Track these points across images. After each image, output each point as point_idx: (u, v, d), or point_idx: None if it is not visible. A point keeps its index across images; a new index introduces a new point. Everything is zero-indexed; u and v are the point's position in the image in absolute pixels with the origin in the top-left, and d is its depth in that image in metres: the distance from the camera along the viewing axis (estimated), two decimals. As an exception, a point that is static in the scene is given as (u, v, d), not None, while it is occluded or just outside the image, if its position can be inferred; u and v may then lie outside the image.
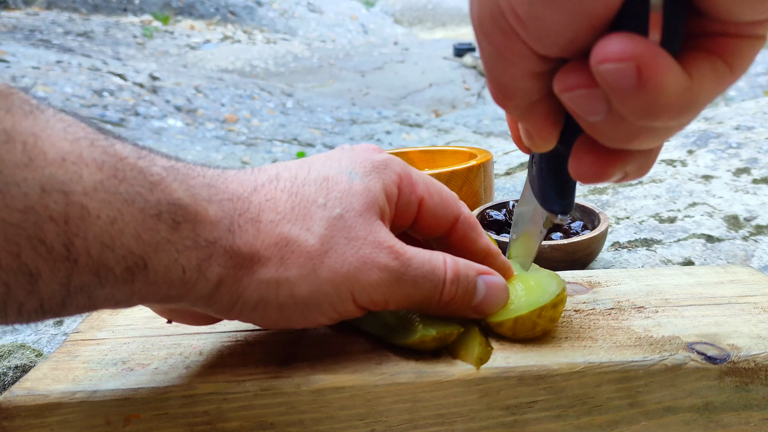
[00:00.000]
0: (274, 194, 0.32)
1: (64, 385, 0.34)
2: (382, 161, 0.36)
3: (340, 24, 9.95)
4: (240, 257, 0.31)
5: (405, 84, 6.64)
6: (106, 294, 0.27)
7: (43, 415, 0.33)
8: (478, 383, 0.34)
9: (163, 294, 0.29)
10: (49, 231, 0.25)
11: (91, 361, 0.36)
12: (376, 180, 0.35)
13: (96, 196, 0.26)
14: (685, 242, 0.76)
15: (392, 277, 0.33)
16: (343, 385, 0.33)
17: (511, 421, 0.35)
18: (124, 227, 0.27)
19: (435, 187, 0.38)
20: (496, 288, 0.37)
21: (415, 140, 4.43)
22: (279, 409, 0.33)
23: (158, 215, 0.28)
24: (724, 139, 1.08)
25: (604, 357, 0.35)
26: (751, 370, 0.35)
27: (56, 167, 0.25)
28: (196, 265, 0.29)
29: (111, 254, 0.26)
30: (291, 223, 0.32)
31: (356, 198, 0.33)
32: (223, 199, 0.31)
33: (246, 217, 0.31)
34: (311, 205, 0.32)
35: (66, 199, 0.25)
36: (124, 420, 0.33)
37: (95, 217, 0.26)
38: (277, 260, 0.31)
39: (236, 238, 0.31)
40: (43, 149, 0.25)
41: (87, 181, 0.26)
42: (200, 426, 0.33)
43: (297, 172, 0.34)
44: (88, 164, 0.26)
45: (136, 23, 8.13)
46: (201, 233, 0.29)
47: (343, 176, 0.34)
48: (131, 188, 0.27)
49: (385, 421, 0.34)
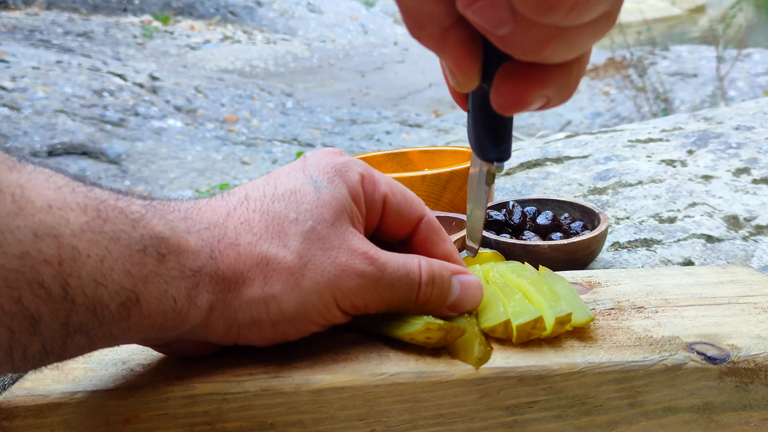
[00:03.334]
0: (247, 216, 0.34)
1: (64, 385, 0.34)
2: (344, 164, 0.37)
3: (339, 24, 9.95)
4: (225, 281, 0.32)
5: (405, 84, 6.64)
6: (104, 332, 0.29)
7: (43, 415, 0.33)
8: (477, 383, 0.34)
9: (159, 326, 0.31)
10: (46, 273, 0.26)
11: (91, 361, 0.36)
12: (341, 185, 0.35)
13: (84, 237, 0.27)
14: (685, 242, 0.76)
15: (369, 282, 0.34)
16: (343, 386, 0.33)
17: (510, 421, 0.35)
18: (114, 264, 0.28)
19: (398, 187, 0.39)
20: (470, 287, 0.38)
21: (415, 140, 4.43)
22: (279, 410, 0.33)
23: (143, 250, 0.29)
24: (724, 139, 1.08)
25: (604, 357, 0.35)
26: (750, 370, 0.35)
27: (45, 213, 0.27)
28: (186, 294, 0.31)
29: (105, 291, 0.28)
30: (268, 243, 0.33)
31: (326, 208, 0.34)
32: (200, 229, 0.32)
33: (225, 243, 0.33)
34: (284, 222, 0.34)
35: (57, 242, 0.26)
36: (124, 420, 0.33)
37: (86, 257, 0.27)
38: (261, 280, 0.33)
39: (219, 264, 0.32)
40: (31, 198, 0.26)
41: (74, 223, 0.27)
42: (200, 426, 0.33)
43: (264, 190, 0.35)
44: (73, 208, 0.28)
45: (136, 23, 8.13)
46: (186, 263, 0.31)
47: (309, 187, 0.35)
48: (115, 227, 0.29)
49: (385, 422, 0.34)
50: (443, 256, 0.40)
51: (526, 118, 5.20)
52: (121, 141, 3.66)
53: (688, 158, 1.03)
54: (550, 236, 0.65)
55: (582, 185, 0.97)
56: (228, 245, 0.33)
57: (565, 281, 0.42)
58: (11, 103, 3.77)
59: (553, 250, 0.60)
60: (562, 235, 0.65)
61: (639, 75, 4.92)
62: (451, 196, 0.75)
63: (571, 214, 0.70)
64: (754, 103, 1.35)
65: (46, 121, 3.66)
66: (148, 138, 3.83)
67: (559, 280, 0.43)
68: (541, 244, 0.60)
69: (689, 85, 5.37)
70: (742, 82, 5.07)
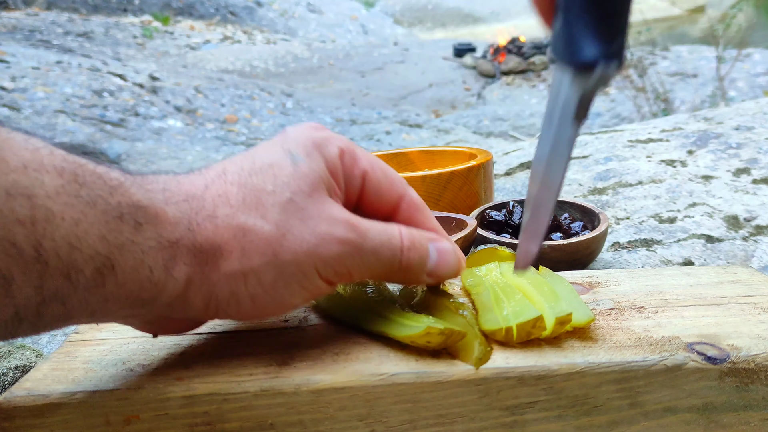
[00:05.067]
0: (225, 188, 0.33)
1: (64, 385, 0.34)
2: (322, 138, 0.36)
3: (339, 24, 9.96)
4: (203, 254, 0.32)
5: (405, 84, 6.65)
6: (80, 300, 0.28)
7: (43, 416, 0.33)
8: (478, 383, 0.34)
9: (135, 297, 0.30)
10: (18, 233, 0.26)
11: (91, 361, 0.36)
12: (318, 158, 0.35)
13: (59, 200, 0.27)
14: (685, 242, 0.76)
15: (352, 248, 0.34)
16: (343, 386, 0.33)
17: (511, 421, 0.35)
18: (89, 228, 0.28)
19: (379, 164, 0.38)
20: (446, 253, 0.38)
21: (415, 140, 4.43)
22: (279, 410, 0.33)
23: (120, 217, 0.29)
24: (724, 140, 1.08)
25: (604, 357, 0.35)
26: (751, 370, 0.35)
27: (19, 174, 0.26)
28: (163, 264, 0.30)
29: (79, 255, 0.28)
30: (245, 214, 0.33)
31: (303, 180, 0.34)
32: (179, 201, 0.32)
33: (203, 215, 0.32)
34: (261, 193, 0.33)
35: (30, 203, 0.26)
36: (124, 420, 0.33)
37: (60, 219, 0.27)
38: (239, 252, 0.32)
39: (197, 236, 0.32)
40: (5, 158, 0.26)
41: (49, 185, 0.27)
42: (200, 426, 0.33)
43: (242, 164, 0.35)
44: (49, 171, 0.27)
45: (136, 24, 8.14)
46: (163, 233, 0.31)
47: (286, 160, 0.35)
48: (92, 192, 0.28)
49: (385, 422, 0.34)
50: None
51: (526, 118, 5.20)
52: (121, 141, 3.66)
53: (688, 158, 1.03)
54: (550, 236, 0.65)
55: (582, 185, 0.97)
56: (206, 217, 0.32)
57: (565, 281, 0.42)
58: (11, 104, 3.77)
59: (553, 250, 0.60)
60: (562, 235, 0.65)
61: (639, 75, 4.92)
62: (451, 196, 0.75)
63: (571, 215, 0.70)
64: (754, 103, 1.35)
65: (46, 122, 3.67)
66: (148, 138, 3.83)
67: (559, 280, 0.43)
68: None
69: (689, 85, 5.37)
70: (742, 82, 5.07)
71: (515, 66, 6.88)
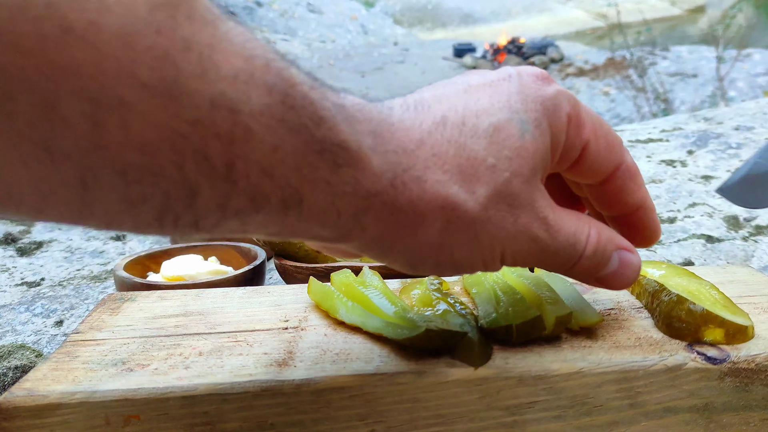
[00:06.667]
0: (441, 147, 0.30)
1: (63, 385, 0.34)
2: (553, 98, 0.33)
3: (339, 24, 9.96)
4: (401, 215, 0.29)
5: (405, 84, 6.64)
6: (259, 220, 0.27)
7: (43, 416, 0.33)
8: (477, 383, 0.34)
9: (315, 233, 0.29)
10: (214, 147, 0.24)
11: (91, 361, 0.36)
12: (546, 131, 0.32)
13: (261, 120, 0.25)
14: (685, 242, 0.76)
15: (538, 247, 0.32)
16: (343, 386, 0.33)
17: (510, 421, 0.35)
18: (285, 157, 0.26)
19: (602, 130, 0.35)
20: (628, 266, 0.35)
21: (415, 141, 4.43)
22: (279, 410, 0.33)
23: (320, 152, 0.27)
24: (724, 140, 1.08)
25: (604, 357, 0.35)
26: (751, 370, 0.35)
27: (227, 84, 0.24)
28: (353, 213, 0.28)
29: (269, 182, 0.26)
30: (457, 185, 0.30)
31: (526, 160, 0.31)
32: (388, 150, 0.29)
33: (411, 175, 0.29)
34: (480, 165, 0.31)
35: (233, 118, 0.24)
36: (124, 420, 0.33)
37: (258, 141, 0.25)
38: (441, 224, 0.30)
39: (399, 195, 0.29)
40: (218, 62, 0.24)
41: (255, 102, 0.25)
42: (200, 426, 0.33)
43: (464, 115, 0.32)
44: (259, 86, 0.25)
45: (136, 24, 8.13)
46: (362, 181, 0.28)
47: (514, 126, 0.31)
48: (298, 118, 0.26)
49: (385, 422, 0.34)
50: (635, 205, 0.37)
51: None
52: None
53: (688, 158, 1.03)
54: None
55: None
56: (414, 178, 0.29)
57: (567, 281, 0.42)
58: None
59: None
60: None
61: (639, 75, 4.92)
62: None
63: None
64: (754, 104, 1.35)
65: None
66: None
67: (561, 280, 0.43)
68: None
69: (689, 85, 5.37)
70: (742, 82, 5.07)
71: (515, 66, 6.88)
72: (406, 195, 0.29)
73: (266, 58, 0.26)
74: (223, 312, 0.42)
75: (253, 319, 0.41)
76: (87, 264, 0.84)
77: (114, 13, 0.22)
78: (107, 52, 0.22)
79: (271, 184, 0.26)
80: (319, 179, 0.27)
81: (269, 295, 0.45)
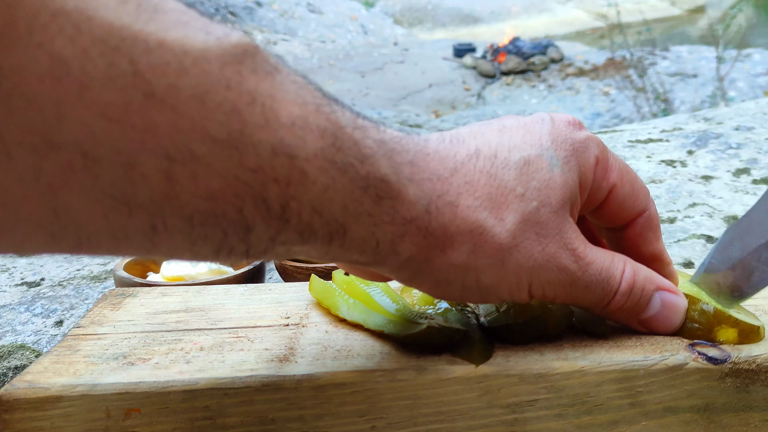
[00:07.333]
0: (473, 176, 0.32)
1: (65, 378, 0.34)
2: (582, 142, 0.34)
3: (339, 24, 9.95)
4: (433, 238, 0.31)
5: (405, 84, 6.65)
6: (303, 250, 0.29)
7: (44, 408, 0.33)
8: (478, 381, 0.34)
9: (354, 260, 0.31)
10: (272, 191, 0.26)
11: (92, 355, 0.36)
12: (575, 168, 0.34)
13: (315, 163, 0.27)
14: (685, 243, 0.76)
15: (568, 279, 0.33)
16: (343, 382, 0.33)
17: (511, 419, 0.35)
18: (334, 195, 0.28)
19: (629, 176, 0.36)
20: (672, 308, 0.36)
21: (414, 140, 4.43)
22: (279, 405, 0.33)
23: (365, 188, 0.28)
24: (724, 140, 1.08)
25: (605, 356, 0.35)
26: (751, 371, 0.35)
27: (286, 131, 0.26)
28: (390, 240, 0.30)
29: (318, 219, 0.28)
30: (487, 211, 0.32)
31: (554, 192, 0.33)
32: (423, 179, 0.31)
33: (444, 200, 0.31)
34: (509, 194, 0.32)
35: (290, 163, 0.26)
36: (125, 414, 0.33)
37: (312, 183, 0.27)
38: (469, 247, 0.31)
39: (432, 220, 0.31)
40: (278, 112, 0.26)
41: (310, 147, 0.26)
42: (201, 421, 0.33)
43: (497, 149, 0.33)
44: (313, 131, 0.27)
45: (136, 21, 8.11)
46: (400, 211, 0.30)
47: (543, 161, 0.33)
48: (346, 158, 0.28)
49: (386, 418, 0.34)
50: (652, 255, 0.38)
51: (526, 118, 5.20)
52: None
53: (688, 158, 1.03)
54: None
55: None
56: (447, 203, 0.31)
57: None
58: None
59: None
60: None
61: (639, 75, 4.93)
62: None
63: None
64: (754, 104, 1.35)
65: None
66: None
67: None
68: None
69: (689, 85, 5.38)
70: (742, 82, 5.08)
71: (515, 66, 6.89)
72: (439, 220, 0.31)
73: (316, 104, 0.27)
74: (224, 308, 0.42)
75: (255, 315, 0.41)
76: (87, 264, 0.84)
77: (191, 74, 0.23)
78: (183, 111, 0.23)
79: (320, 220, 0.28)
80: (362, 213, 0.29)
81: (270, 292, 0.45)
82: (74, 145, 0.21)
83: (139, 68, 0.22)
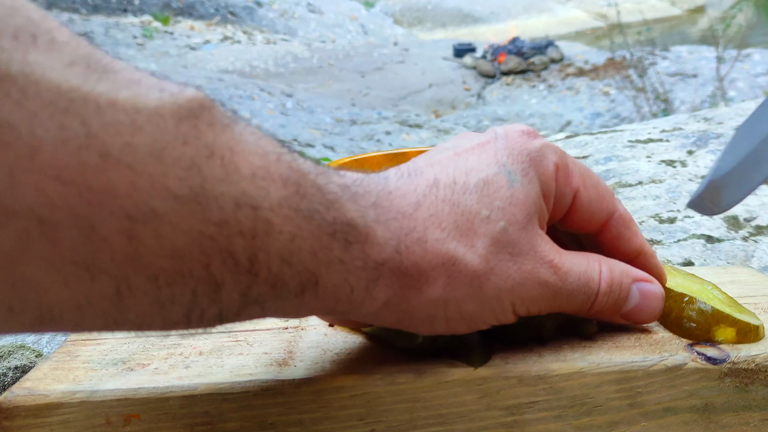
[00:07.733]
0: (436, 208, 0.32)
1: (64, 384, 0.34)
2: (539, 151, 0.34)
3: (339, 24, 9.96)
4: (407, 278, 0.31)
5: (405, 84, 6.65)
6: (276, 306, 0.28)
7: (44, 415, 0.33)
8: (477, 383, 0.34)
9: (330, 309, 0.30)
10: (238, 245, 0.25)
11: (92, 361, 0.36)
12: (535, 179, 0.33)
13: (280, 212, 0.26)
14: (685, 243, 0.76)
15: (550, 292, 0.33)
16: (342, 385, 0.34)
17: (510, 421, 0.35)
18: (302, 244, 0.27)
19: (591, 179, 0.36)
20: (650, 297, 0.36)
21: (414, 141, 4.44)
22: (279, 409, 0.33)
23: (333, 234, 0.28)
24: (724, 140, 1.08)
25: (604, 357, 0.35)
26: (751, 371, 0.35)
27: (248, 182, 0.25)
28: (365, 285, 0.30)
29: (288, 269, 0.27)
30: (456, 241, 0.31)
31: (519, 208, 0.32)
32: (389, 219, 0.31)
33: (412, 238, 0.31)
34: (474, 218, 0.32)
35: (255, 215, 0.25)
36: (124, 420, 0.33)
37: (278, 233, 0.26)
38: (444, 280, 0.31)
39: (404, 260, 0.30)
40: (238, 164, 0.25)
41: (273, 197, 0.26)
42: (200, 426, 0.33)
43: (455, 175, 0.33)
44: (275, 180, 0.26)
45: (136, 24, 8.15)
46: (370, 254, 0.29)
47: (502, 178, 0.33)
48: (311, 205, 0.27)
49: (385, 421, 0.34)
50: (633, 252, 0.38)
51: (526, 118, 5.21)
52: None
53: (688, 158, 1.03)
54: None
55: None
56: (415, 240, 0.31)
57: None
58: (11, 104, 3.76)
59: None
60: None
61: (639, 75, 4.93)
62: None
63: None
64: (754, 104, 1.35)
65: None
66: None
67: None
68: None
69: (689, 85, 5.38)
70: (742, 82, 5.08)
71: (515, 66, 6.89)
72: (410, 258, 0.30)
73: (277, 153, 0.27)
74: (223, 312, 0.42)
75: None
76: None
77: (146, 131, 0.23)
78: (141, 169, 0.23)
79: (290, 270, 0.27)
80: (333, 259, 0.28)
81: (269, 294, 0.45)
82: (29, 211, 0.21)
83: (92, 129, 0.22)
